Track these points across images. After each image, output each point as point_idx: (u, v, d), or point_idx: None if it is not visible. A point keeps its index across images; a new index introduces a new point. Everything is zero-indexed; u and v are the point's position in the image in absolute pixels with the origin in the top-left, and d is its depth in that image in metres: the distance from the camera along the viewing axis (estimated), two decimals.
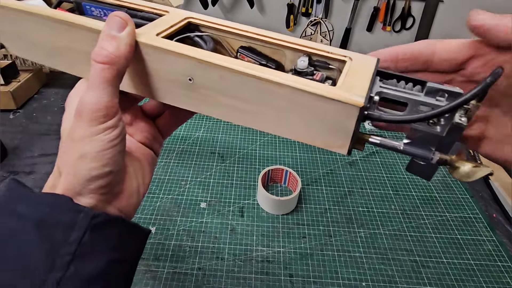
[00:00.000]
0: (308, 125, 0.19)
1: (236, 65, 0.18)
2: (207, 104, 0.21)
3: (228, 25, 0.22)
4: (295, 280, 0.48)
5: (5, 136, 0.68)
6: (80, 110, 0.18)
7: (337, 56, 0.20)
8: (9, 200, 0.18)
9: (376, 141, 0.19)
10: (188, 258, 0.50)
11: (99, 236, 0.18)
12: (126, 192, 0.21)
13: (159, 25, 0.21)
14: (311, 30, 0.79)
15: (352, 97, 0.17)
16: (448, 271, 0.50)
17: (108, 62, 0.18)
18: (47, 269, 0.16)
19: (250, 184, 0.63)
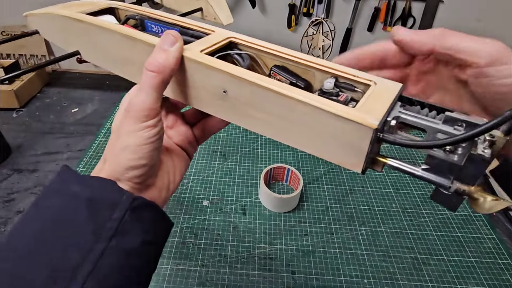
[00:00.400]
0: (326, 142, 0.20)
1: (265, 82, 0.20)
2: (237, 115, 0.23)
3: (264, 45, 0.25)
4: (297, 277, 0.48)
5: (8, 135, 0.68)
6: (128, 109, 0.21)
7: (363, 80, 0.21)
8: (63, 181, 0.21)
9: (394, 165, 0.20)
10: (191, 255, 0.50)
11: (137, 217, 0.20)
12: (157, 186, 0.23)
13: (204, 43, 0.24)
14: (313, 30, 0.80)
15: (367, 119, 0.17)
16: (448, 268, 0.50)
17: (156, 71, 0.21)
18: (94, 240, 0.18)
19: (252, 183, 0.63)
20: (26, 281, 0.17)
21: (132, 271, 0.20)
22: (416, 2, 0.84)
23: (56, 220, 0.19)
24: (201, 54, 0.23)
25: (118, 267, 0.19)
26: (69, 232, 0.19)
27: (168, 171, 0.25)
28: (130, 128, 0.21)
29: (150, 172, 0.22)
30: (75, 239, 0.18)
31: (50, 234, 0.19)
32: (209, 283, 0.47)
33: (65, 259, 0.18)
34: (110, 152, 0.22)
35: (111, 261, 0.19)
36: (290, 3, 0.85)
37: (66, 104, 0.83)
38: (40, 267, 0.18)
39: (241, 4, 0.86)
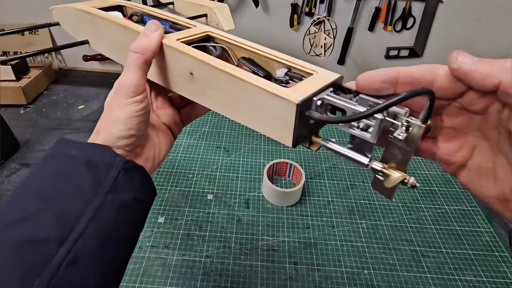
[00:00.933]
0: (265, 118, 0.22)
1: (221, 65, 0.23)
2: (201, 95, 0.26)
3: (236, 39, 0.28)
4: (299, 268, 0.50)
5: (16, 131, 0.70)
6: (117, 87, 0.24)
7: (308, 70, 0.23)
8: (62, 147, 0.23)
9: (326, 145, 0.22)
10: (196, 247, 0.52)
11: (129, 177, 0.23)
12: (144, 156, 0.27)
13: (183, 34, 0.28)
14: (315, 28, 0.81)
15: (293, 96, 0.20)
16: (447, 260, 0.52)
17: (140, 52, 0.24)
18: (93, 194, 0.21)
19: (255, 178, 0.64)
20: (35, 222, 0.19)
21: (125, 223, 0.22)
22: (416, 2, 0.85)
23: (59, 176, 0.21)
24: (176, 41, 0.26)
25: (113, 218, 0.21)
26: (72, 185, 0.21)
27: (154, 144, 0.28)
28: (120, 103, 0.24)
29: (137, 142, 0.25)
30: (77, 191, 0.21)
31: (55, 185, 0.21)
32: (214, 273, 0.48)
33: (69, 207, 0.20)
34: (102, 125, 0.24)
35: (108, 212, 0.21)
36: (292, 3, 0.86)
37: (72, 101, 0.85)
38: (47, 212, 0.19)
39: (244, 3, 0.88)
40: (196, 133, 0.75)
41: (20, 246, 0.18)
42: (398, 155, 0.20)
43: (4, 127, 0.65)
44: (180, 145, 0.71)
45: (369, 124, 0.19)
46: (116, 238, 0.21)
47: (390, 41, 0.93)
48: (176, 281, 0.47)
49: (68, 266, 0.18)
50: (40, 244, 0.18)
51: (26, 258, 0.18)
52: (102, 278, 0.20)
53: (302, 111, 0.20)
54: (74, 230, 0.19)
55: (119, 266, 0.22)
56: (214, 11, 0.40)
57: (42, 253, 0.18)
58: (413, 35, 0.91)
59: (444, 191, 0.64)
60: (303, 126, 0.21)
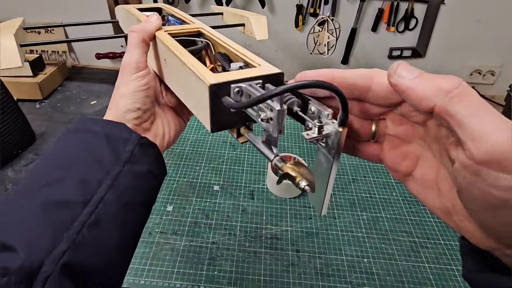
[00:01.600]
0: (195, 100, 0.23)
1: (175, 50, 0.25)
2: (170, 79, 0.28)
3: (219, 37, 0.29)
4: (301, 255, 0.52)
5: (33, 124, 0.73)
6: (121, 67, 0.27)
7: (255, 64, 0.23)
8: (82, 123, 0.25)
9: (247, 136, 0.23)
10: (203, 233, 0.54)
11: (143, 151, 0.25)
12: (152, 132, 0.29)
13: (175, 27, 0.30)
14: (319, 28, 0.84)
15: (209, 78, 0.20)
16: (445, 251, 0.53)
17: (137, 31, 0.28)
18: (112, 164, 0.23)
19: (259, 171, 0.67)
20: (60, 187, 0.21)
21: (140, 193, 0.24)
22: (419, 4, 0.87)
23: (81, 147, 0.23)
24: (163, 32, 0.29)
25: (130, 186, 0.23)
26: (93, 156, 0.23)
27: (163, 123, 0.30)
28: (125, 80, 0.27)
29: (144, 116, 0.27)
30: (98, 161, 0.23)
31: (77, 155, 0.23)
32: (219, 258, 0.50)
33: (91, 174, 0.22)
34: (112, 102, 0.27)
35: (125, 181, 0.23)
36: (297, 4, 0.89)
37: (85, 97, 0.88)
38: (71, 178, 0.21)
39: (251, 3, 0.91)
40: (203, 128, 0.78)
41: (48, 206, 0.20)
42: (323, 163, 0.19)
43: (22, 120, 0.69)
44: (188, 139, 0.74)
45: (271, 116, 0.19)
46: (133, 205, 0.23)
47: (393, 41, 0.95)
48: (184, 264, 0.49)
49: (91, 226, 0.20)
50: (66, 205, 0.20)
51: (54, 217, 0.20)
52: (120, 240, 0.22)
53: (217, 94, 0.20)
54: (95, 195, 0.21)
55: (136, 231, 0.24)
56: (250, 21, 0.43)
57: (68, 213, 0.20)
58: (415, 35, 0.93)
59: None
60: (223, 112, 0.21)
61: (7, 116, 0.65)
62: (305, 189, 0.18)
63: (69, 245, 0.19)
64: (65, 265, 0.19)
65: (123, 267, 0.24)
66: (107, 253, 0.21)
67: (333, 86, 0.16)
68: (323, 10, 0.87)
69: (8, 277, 0.17)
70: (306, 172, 0.19)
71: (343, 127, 0.17)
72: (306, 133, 0.18)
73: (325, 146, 0.19)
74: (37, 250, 0.19)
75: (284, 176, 0.20)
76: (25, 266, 0.18)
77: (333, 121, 0.18)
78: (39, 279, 0.18)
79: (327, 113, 0.18)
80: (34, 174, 0.23)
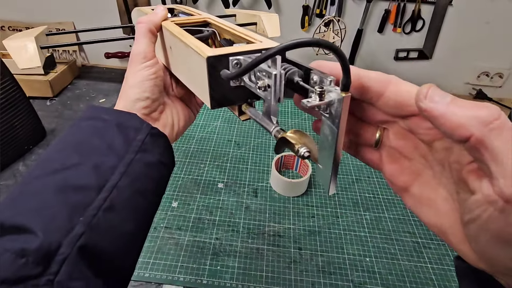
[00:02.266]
0: (196, 78, 0.23)
1: (178, 33, 0.25)
2: (175, 66, 0.29)
3: (225, 24, 0.30)
4: (303, 253, 0.52)
5: (43, 120, 0.75)
6: (130, 58, 0.28)
7: (257, 41, 0.23)
8: (94, 111, 0.26)
9: (248, 112, 0.23)
10: (206, 229, 0.55)
11: (154, 141, 0.25)
12: (161, 121, 0.29)
13: (181, 19, 0.31)
14: (325, 28, 0.84)
15: (206, 52, 0.20)
16: (448, 252, 0.53)
17: (144, 22, 0.28)
18: (124, 151, 0.23)
19: (263, 169, 0.67)
20: (75, 172, 0.21)
21: (151, 181, 0.25)
22: (426, 5, 0.87)
23: (94, 134, 0.24)
24: (170, 22, 0.29)
25: (142, 174, 0.24)
26: (106, 143, 0.23)
27: (172, 113, 0.31)
28: (133, 70, 0.27)
29: (153, 105, 0.28)
30: (111, 149, 0.23)
31: (90, 142, 0.23)
32: (222, 253, 0.51)
33: (104, 161, 0.22)
34: (122, 92, 0.28)
35: (137, 169, 0.23)
36: (303, 5, 0.89)
37: (94, 95, 0.90)
38: (84, 164, 0.22)
39: (257, 4, 0.91)
40: (208, 127, 0.79)
41: (63, 190, 0.20)
42: (328, 136, 0.18)
43: (34, 116, 0.71)
44: (193, 137, 0.75)
45: (269, 83, 0.18)
46: (144, 193, 0.24)
47: (399, 43, 0.94)
48: (187, 259, 0.50)
49: (105, 211, 0.21)
50: (81, 190, 0.21)
51: (69, 201, 0.20)
52: (133, 226, 0.23)
53: (215, 67, 0.20)
54: (109, 181, 0.22)
55: (147, 219, 0.25)
56: (262, 20, 0.44)
57: (83, 198, 0.21)
58: (422, 37, 0.93)
59: None
60: (223, 86, 0.21)
61: (20, 112, 0.67)
62: (305, 156, 0.17)
63: (85, 228, 0.20)
64: (82, 247, 0.19)
65: (135, 254, 0.24)
66: (121, 238, 0.22)
67: (331, 44, 0.15)
68: (329, 11, 0.88)
69: (26, 258, 0.17)
70: (308, 140, 0.18)
71: (346, 92, 0.16)
72: (306, 100, 0.16)
73: (329, 116, 0.17)
74: (54, 232, 0.19)
75: (282, 141, 0.19)
76: (43, 247, 0.18)
77: (335, 88, 0.17)
78: (57, 260, 0.18)
79: (330, 80, 0.17)
80: (48, 158, 0.23)
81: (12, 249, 0.18)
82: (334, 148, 0.18)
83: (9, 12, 0.99)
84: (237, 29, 0.27)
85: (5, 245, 0.18)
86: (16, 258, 0.17)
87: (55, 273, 0.18)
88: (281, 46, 0.15)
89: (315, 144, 0.19)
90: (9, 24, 0.99)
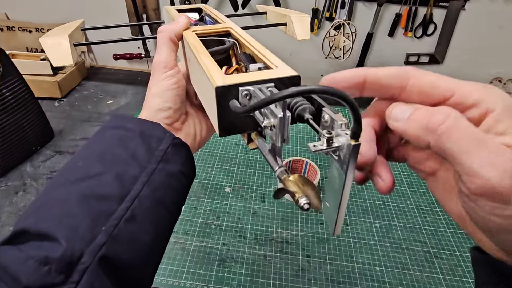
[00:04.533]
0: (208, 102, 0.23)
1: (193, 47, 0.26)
2: (193, 79, 0.28)
3: (246, 38, 0.29)
4: (312, 260, 0.51)
5: (51, 121, 0.75)
6: (152, 67, 0.28)
7: (273, 66, 0.23)
8: (118, 120, 0.26)
9: (257, 144, 0.22)
10: (213, 234, 0.54)
11: (176, 151, 0.25)
12: (184, 131, 0.29)
13: (204, 27, 0.31)
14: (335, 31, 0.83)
15: (217, 80, 0.20)
16: (460, 263, 0.52)
17: (164, 31, 0.28)
18: (147, 161, 0.23)
19: (271, 174, 0.67)
20: (98, 181, 0.21)
21: (172, 191, 0.24)
22: (438, 9, 0.85)
23: (117, 143, 0.24)
24: (191, 32, 0.29)
25: (164, 184, 0.23)
26: (128, 153, 0.23)
27: (194, 123, 0.30)
28: (155, 80, 0.27)
29: (175, 115, 0.27)
30: (134, 158, 0.23)
31: (114, 151, 0.23)
32: (229, 260, 0.50)
33: (127, 170, 0.22)
34: (145, 101, 0.28)
35: (159, 179, 0.23)
36: (313, 8, 0.88)
37: (102, 96, 0.90)
38: (108, 173, 0.22)
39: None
40: None
41: (86, 199, 0.20)
42: (336, 178, 0.17)
43: (42, 117, 0.71)
44: None
45: (274, 124, 0.18)
46: (165, 203, 0.23)
47: (410, 47, 0.93)
48: (194, 264, 0.49)
49: (126, 221, 0.21)
50: (103, 199, 0.21)
51: (92, 210, 0.20)
52: (153, 237, 0.22)
53: (224, 97, 0.20)
54: (131, 191, 0.22)
55: (167, 230, 0.25)
56: (292, 20, 0.43)
57: (105, 207, 0.20)
58: (433, 41, 0.91)
59: None
60: (232, 115, 0.20)
61: (28, 112, 0.67)
62: (305, 208, 0.17)
63: (107, 238, 0.20)
64: (103, 257, 0.19)
65: (155, 265, 0.24)
66: (141, 249, 0.21)
67: (341, 93, 0.14)
68: (339, 14, 0.87)
69: (49, 266, 0.18)
70: (310, 188, 0.18)
71: (356, 141, 0.15)
72: (312, 145, 0.16)
73: (337, 159, 0.17)
74: (77, 241, 0.19)
75: (282, 190, 0.18)
76: (66, 256, 0.18)
77: (346, 133, 0.16)
78: (78, 270, 0.18)
79: (341, 123, 0.16)
80: (72, 166, 0.23)
81: (36, 256, 0.18)
82: (341, 192, 0.17)
83: (19, 13, 0.99)
84: (255, 46, 0.27)
85: (29, 252, 0.18)
86: (40, 265, 0.17)
87: (76, 282, 0.18)
88: (287, 93, 0.15)
89: (318, 193, 0.18)
90: (19, 25, 0.99)
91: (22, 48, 1.01)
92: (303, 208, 0.17)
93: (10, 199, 0.60)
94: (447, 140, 0.14)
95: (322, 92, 0.15)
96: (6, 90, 0.62)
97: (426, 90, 0.17)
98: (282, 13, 0.46)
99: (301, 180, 0.18)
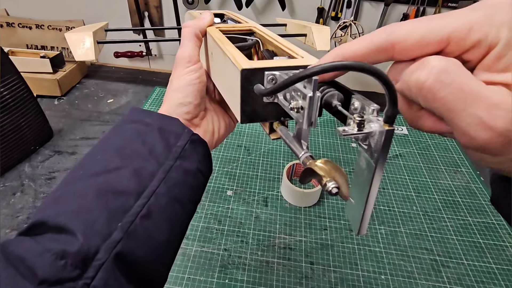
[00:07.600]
0: (229, 87, 0.23)
1: (218, 39, 0.25)
2: (214, 73, 0.28)
3: (269, 34, 0.29)
4: (315, 268, 0.50)
5: (50, 120, 0.74)
6: (175, 61, 0.28)
7: (299, 56, 0.22)
8: (137, 114, 0.25)
9: (280, 133, 0.22)
10: (215, 239, 0.53)
11: (194, 148, 0.25)
12: (202, 128, 0.29)
13: (227, 25, 0.31)
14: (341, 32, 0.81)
15: (240, 62, 0.20)
16: (468, 272, 0.50)
17: (189, 26, 0.28)
18: (165, 157, 0.23)
19: (274, 177, 0.65)
20: (116, 176, 0.21)
21: (189, 189, 0.24)
22: (446, 9, 0.84)
23: (135, 138, 0.23)
24: (215, 28, 0.29)
25: (180, 181, 0.23)
26: (147, 148, 0.23)
27: (212, 120, 0.30)
28: (178, 74, 0.27)
29: (195, 111, 0.27)
30: (151, 154, 0.23)
31: (132, 146, 0.23)
32: (231, 266, 0.49)
33: (144, 166, 0.22)
34: (165, 96, 0.28)
35: (176, 176, 0.23)
36: (318, 7, 0.87)
37: (103, 95, 0.89)
38: (125, 168, 0.21)
39: (271, 6, 0.89)
40: None
41: (104, 194, 0.20)
42: (364, 171, 0.16)
43: (41, 116, 0.69)
44: None
45: (303, 105, 0.17)
46: (181, 201, 0.23)
47: None
48: (194, 270, 0.48)
49: (143, 218, 0.20)
50: (120, 194, 0.20)
51: (109, 205, 0.20)
52: (169, 234, 0.22)
53: (249, 80, 0.19)
54: (148, 187, 0.21)
55: (182, 228, 0.24)
56: (312, 32, 0.43)
57: (122, 203, 0.20)
58: None
59: (467, 203, 0.62)
60: (255, 101, 0.20)
61: (27, 111, 0.66)
62: (333, 192, 0.15)
63: (123, 235, 0.19)
64: (118, 254, 0.19)
65: (169, 263, 0.24)
66: (156, 246, 0.21)
67: (376, 70, 0.13)
68: (345, 13, 0.85)
69: (65, 260, 0.17)
70: (339, 174, 0.16)
71: (390, 125, 0.14)
72: (342, 129, 0.15)
73: (367, 148, 0.15)
74: (94, 236, 0.19)
75: (308, 172, 0.17)
76: (82, 251, 0.18)
77: (378, 119, 0.15)
78: (93, 265, 0.18)
79: (373, 109, 0.15)
80: (90, 159, 0.23)
81: (53, 249, 0.18)
82: (369, 185, 0.16)
83: (20, 9, 0.98)
84: (280, 41, 0.26)
85: (46, 245, 0.18)
86: (56, 259, 0.17)
87: (91, 277, 0.18)
88: (319, 68, 0.14)
89: (348, 180, 0.17)
90: (19, 21, 0.98)
91: (22, 45, 1.00)
92: (331, 192, 0.15)
93: (7, 201, 0.59)
94: (433, 100, 0.14)
95: (359, 68, 0.13)
96: (4, 89, 0.61)
97: (415, 53, 0.15)
98: (302, 25, 0.46)
99: (328, 164, 0.16)
